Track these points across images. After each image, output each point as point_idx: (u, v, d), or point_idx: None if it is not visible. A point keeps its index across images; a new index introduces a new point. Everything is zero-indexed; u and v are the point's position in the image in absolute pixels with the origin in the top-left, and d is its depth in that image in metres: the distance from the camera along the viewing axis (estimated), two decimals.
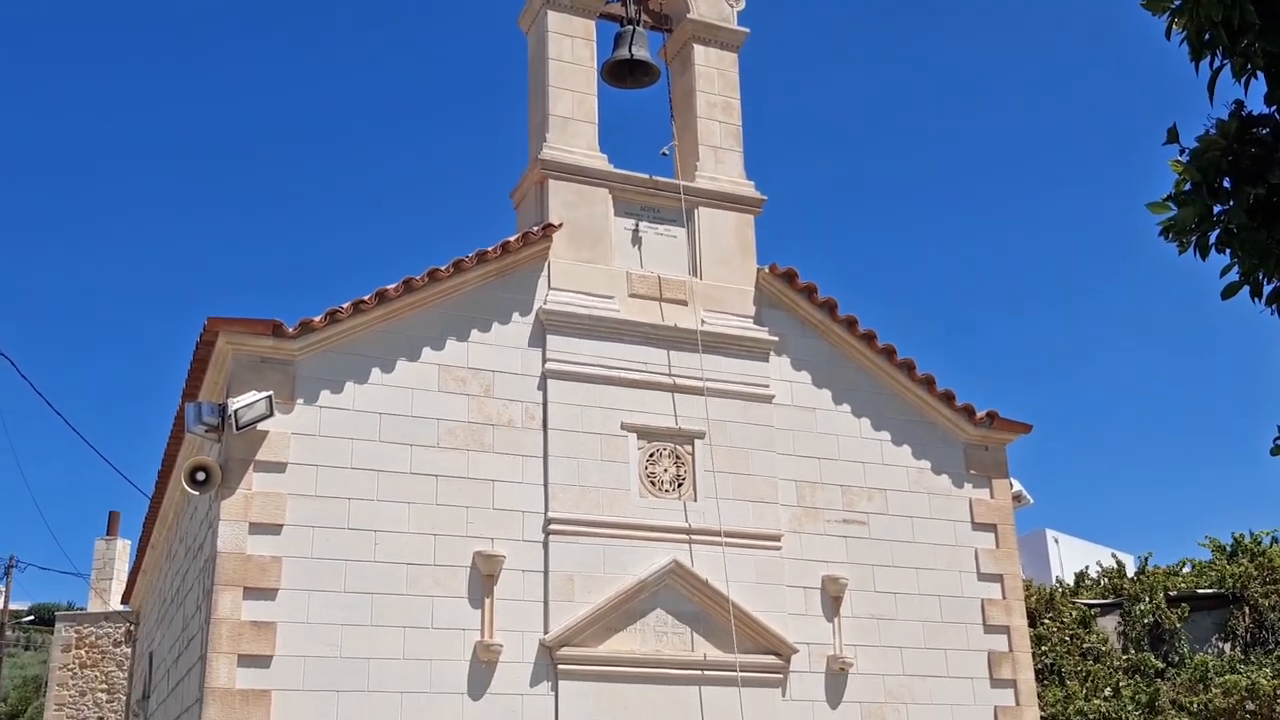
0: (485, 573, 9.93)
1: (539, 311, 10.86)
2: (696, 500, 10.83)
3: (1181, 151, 4.72)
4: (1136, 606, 17.00)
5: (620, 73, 12.10)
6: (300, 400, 9.89)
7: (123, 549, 29.43)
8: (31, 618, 45.23)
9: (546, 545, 10.22)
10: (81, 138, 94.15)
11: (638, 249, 11.48)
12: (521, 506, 10.26)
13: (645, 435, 10.86)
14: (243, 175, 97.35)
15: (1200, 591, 17.26)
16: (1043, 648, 16.44)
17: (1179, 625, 16.75)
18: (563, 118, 11.52)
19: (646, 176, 11.65)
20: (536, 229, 11.03)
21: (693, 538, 10.68)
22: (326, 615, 9.42)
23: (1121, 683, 15.89)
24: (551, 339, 10.80)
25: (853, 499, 11.54)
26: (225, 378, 9.99)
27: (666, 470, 10.86)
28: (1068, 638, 16.90)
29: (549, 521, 10.27)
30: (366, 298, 10.17)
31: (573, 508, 10.37)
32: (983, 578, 11.85)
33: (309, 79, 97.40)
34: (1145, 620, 16.89)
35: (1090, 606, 17.41)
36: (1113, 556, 20.19)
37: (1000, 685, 11.54)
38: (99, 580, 29.17)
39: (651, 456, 10.84)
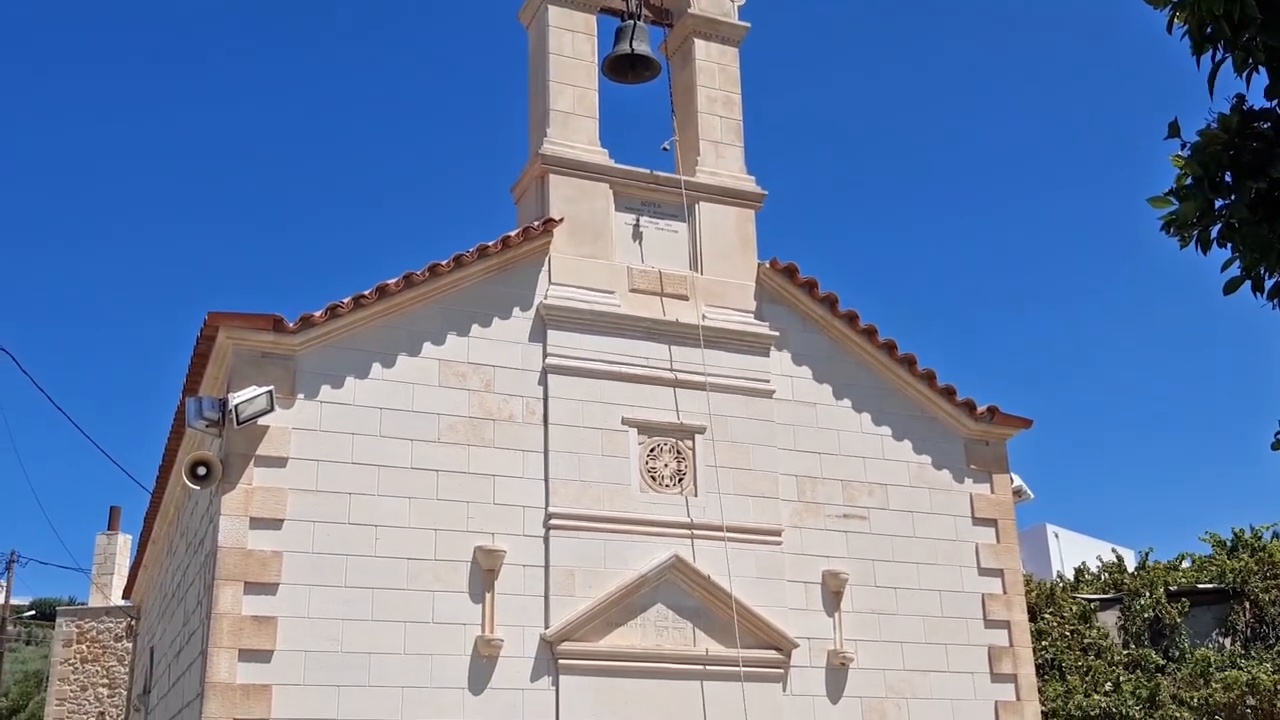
0: (486, 568, 9.93)
1: (539, 306, 10.85)
2: (697, 495, 10.83)
3: (1183, 146, 4.71)
4: (1137, 601, 17.00)
5: (621, 67, 12.09)
6: (301, 395, 9.89)
7: (124, 544, 29.47)
8: (33, 613, 45.27)
9: (547, 540, 10.22)
10: (82, 137, 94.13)
11: (638, 244, 11.47)
12: (522, 501, 10.26)
13: (646, 430, 10.86)
14: (243, 172, 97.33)
15: (1200, 586, 17.26)
16: (1043, 643, 16.44)
17: (1179, 620, 16.75)
18: (563, 113, 11.50)
19: (647, 171, 11.64)
20: (537, 224, 11.02)
21: (694, 533, 10.68)
22: (327, 610, 9.43)
23: (1122, 678, 15.89)
24: (552, 334, 10.80)
25: (853, 494, 11.54)
26: (226, 373, 9.99)
27: (667, 465, 10.86)
28: (1068, 633, 16.90)
29: (550, 516, 10.27)
30: (367, 293, 10.17)
31: (573, 503, 10.37)
32: (983, 573, 11.85)
33: (309, 76, 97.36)
34: (1146, 615, 16.89)
35: (1090, 601, 17.42)
36: (1113, 551, 20.18)
37: (1001, 680, 11.54)
38: (100, 575, 29.20)
39: (652, 451, 10.84)
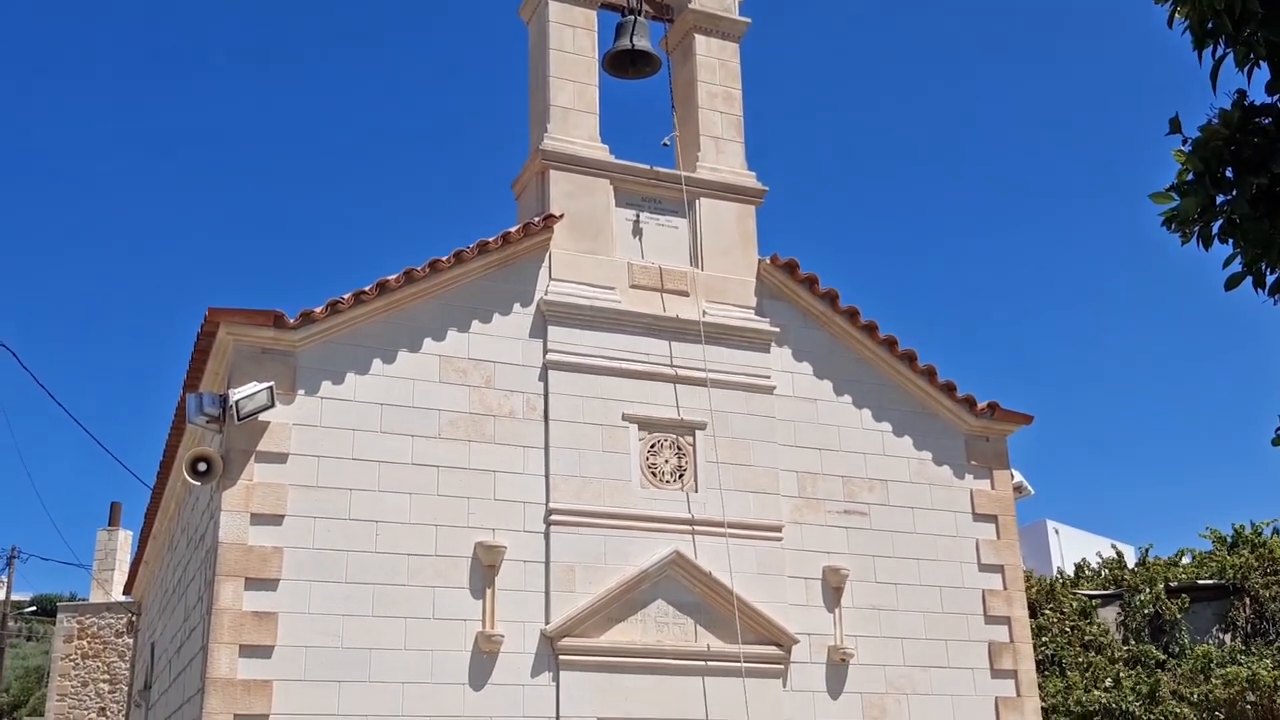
0: (486, 563, 9.93)
1: (540, 302, 10.85)
2: (698, 491, 10.83)
3: (1184, 141, 4.71)
4: (1137, 597, 17.02)
5: (621, 63, 12.07)
6: (301, 391, 9.88)
7: (124, 540, 29.47)
8: (34, 608, 45.30)
9: (548, 536, 10.22)
10: (82, 132, 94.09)
11: (639, 240, 11.46)
12: (522, 497, 10.26)
13: (646, 426, 10.86)
14: (244, 168, 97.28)
15: (1201, 582, 17.27)
16: (1043, 638, 16.45)
17: (1179, 616, 16.76)
18: (564, 108, 11.49)
19: (647, 167, 11.63)
20: (537, 220, 11.01)
21: (694, 528, 10.68)
22: (328, 606, 9.43)
23: (1122, 673, 15.90)
24: (552, 330, 10.79)
25: (854, 490, 11.54)
26: (226, 368, 9.99)
27: (668, 461, 10.86)
28: (1068, 628, 16.92)
29: (550, 512, 10.27)
30: (367, 288, 10.16)
31: (574, 498, 10.37)
32: (983, 568, 11.85)
33: (309, 72, 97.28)
34: (1146, 611, 16.90)
35: (1091, 597, 17.43)
36: (1113, 547, 20.21)
37: (1001, 676, 11.55)
38: (101, 571, 29.21)
39: (653, 447, 10.84)
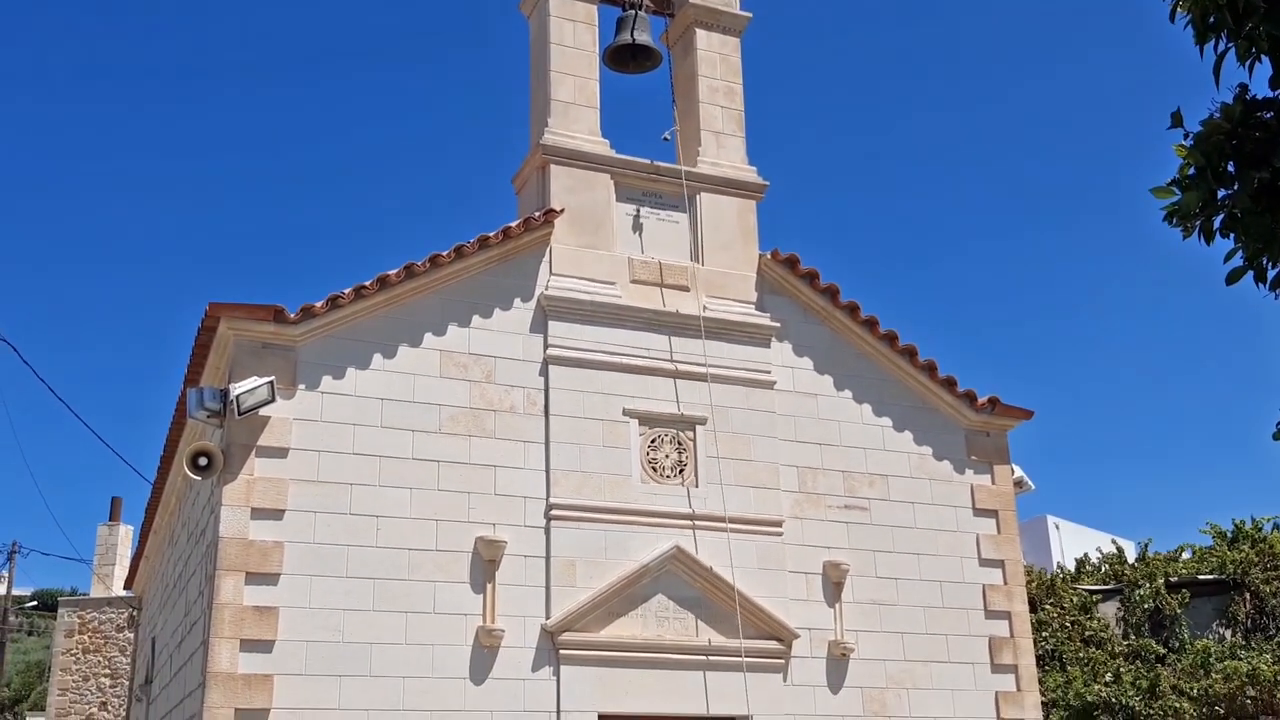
0: (487, 558, 9.93)
1: (540, 297, 10.84)
2: (698, 486, 10.83)
3: (1186, 136, 4.69)
4: (1137, 592, 17.02)
5: (622, 57, 12.06)
6: (302, 385, 9.88)
7: (125, 534, 29.48)
8: (35, 603, 45.35)
9: (548, 531, 10.23)
10: (82, 128, 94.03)
11: (639, 235, 11.46)
12: (523, 492, 10.26)
13: (647, 421, 10.86)
14: (245, 163, 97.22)
15: (1201, 577, 17.27)
16: (1044, 633, 16.46)
17: (1180, 611, 16.76)
18: (564, 103, 11.48)
19: (648, 162, 11.62)
20: (538, 214, 11.00)
21: (695, 523, 10.68)
22: (328, 600, 9.44)
23: (1122, 668, 15.91)
24: (553, 324, 10.79)
25: (854, 485, 11.54)
26: (227, 363, 9.99)
27: (668, 456, 10.86)
28: (1069, 623, 16.92)
29: (551, 507, 10.27)
30: (368, 283, 10.16)
31: (574, 493, 10.37)
32: (984, 563, 11.86)
33: (310, 68, 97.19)
34: (1146, 606, 16.91)
35: (1091, 592, 17.43)
36: (1113, 543, 20.20)
37: (1001, 670, 11.56)
38: (102, 566, 29.22)
39: (653, 442, 10.84)
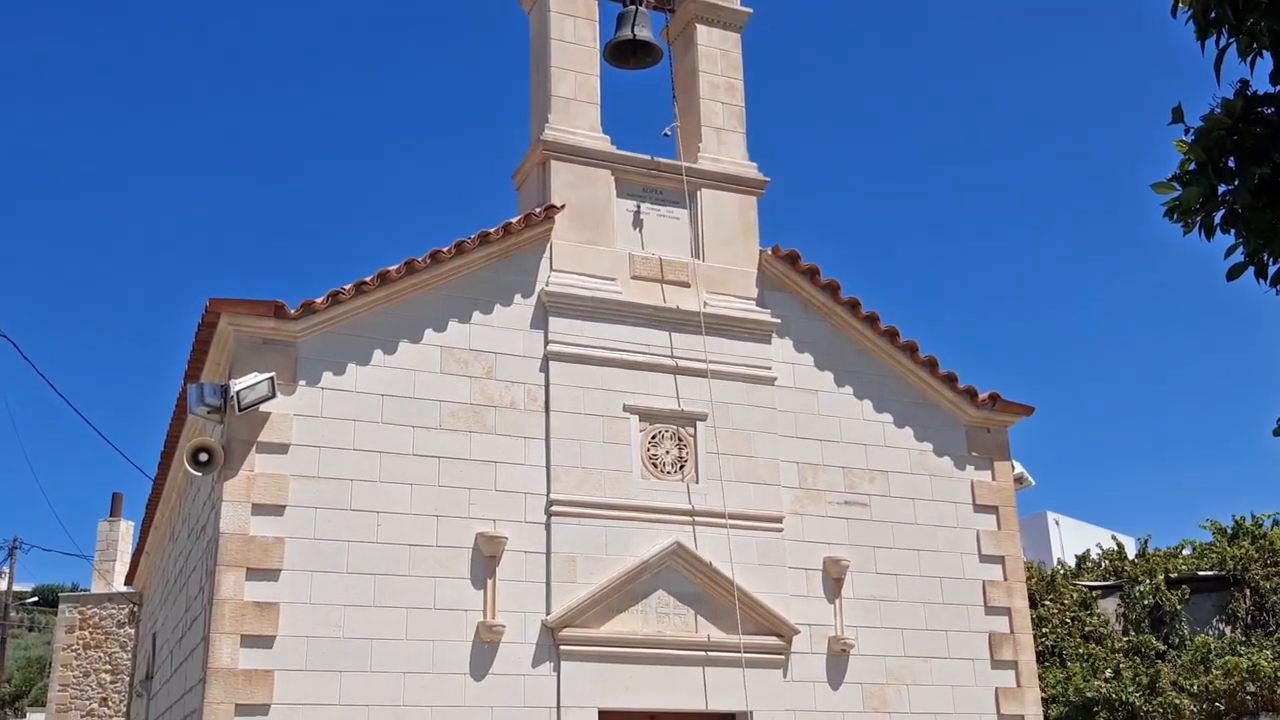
0: (487, 554, 9.94)
1: (541, 293, 10.84)
2: (698, 482, 10.83)
3: (1186, 131, 4.69)
4: (1137, 588, 17.03)
5: (623, 53, 12.04)
6: (302, 381, 9.88)
7: (126, 530, 29.49)
8: (35, 599, 45.36)
9: (549, 527, 10.23)
10: (84, 124, 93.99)
11: (639, 231, 11.45)
12: (524, 488, 10.27)
13: (647, 417, 10.86)
14: (246, 159, 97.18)
15: (1201, 574, 17.28)
16: (1044, 629, 16.47)
17: (1179, 607, 16.77)
18: (565, 98, 11.47)
19: (648, 158, 11.61)
20: (538, 210, 11.00)
21: (695, 519, 10.68)
22: (329, 596, 9.44)
23: (1122, 664, 15.92)
24: (553, 321, 10.79)
25: (854, 481, 11.54)
26: (227, 359, 9.99)
27: (669, 452, 10.86)
28: (1069, 619, 16.94)
29: (551, 503, 10.27)
30: (368, 279, 10.15)
31: (575, 489, 10.37)
32: (984, 559, 11.86)
33: (310, 65, 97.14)
34: (1146, 602, 16.92)
35: (1091, 588, 17.44)
36: (1113, 539, 20.20)
37: (1001, 666, 11.56)
38: (102, 561, 29.23)
39: (653, 438, 10.84)
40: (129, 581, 21.01)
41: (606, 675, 10.05)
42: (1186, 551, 18.44)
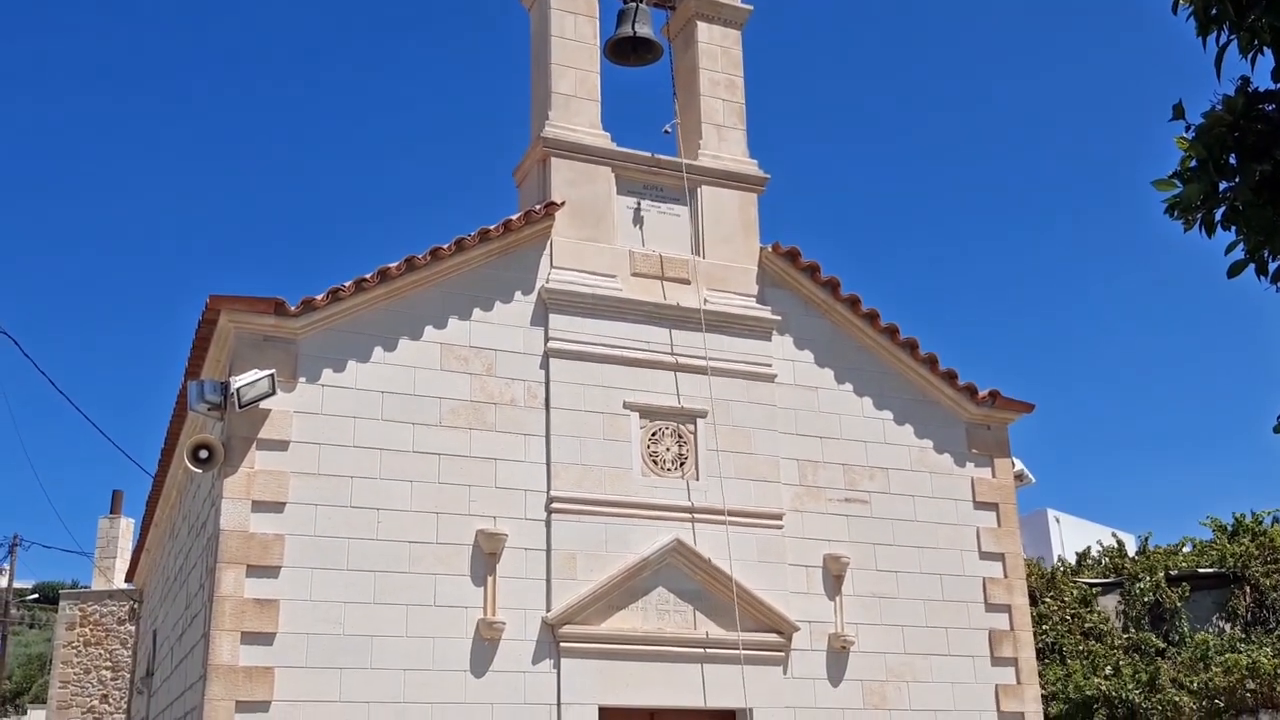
0: (488, 551, 9.94)
1: (541, 290, 10.83)
2: (699, 479, 10.83)
3: (1187, 128, 4.68)
4: (1137, 585, 17.03)
5: (623, 50, 12.03)
6: (303, 378, 9.88)
7: (126, 527, 29.50)
8: (36, 596, 45.38)
9: (549, 524, 10.23)
10: (83, 115, 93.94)
11: (640, 228, 11.44)
12: (524, 485, 10.26)
13: (647, 414, 10.85)
14: (246, 156, 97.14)
15: (1201, 571, 17.28)
16: (1044, 626, 16.48)
17: (1179, 604, 16.77)
18: (565, 95, 11.46)
19: (649, 155, 11.60)
20: (539, 207, 10.99)
21: (695, 516, 10.68)
22: (329, 593, 9.44)
23: (1122, 661, 15.93)
24: (554, 318, 10.78)
25: (855, 478, 11.54)
26: (228, 356, 9.98)
27: (669, 449, 10.86)
28: (1069, 616, 16.94)
29: (551, 500, 10.28)
30: (368, 276, 10.15)
31: (575, 486, 10.37)
32: (984, 556, 11.86)
33: (311, 61, 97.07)
34: (1146, 599, 16.92)
35: (1091, 585, 17.44)
36: (1113, 536, 20.20)
37: (1001, 663, 11.57)
38: (103, 558, 29.24)
39: (654, 435, 10.84)
40: (129, 578, 21.02)
41: (607, 672, 10.05)
42: (1187, 549, 18.44)
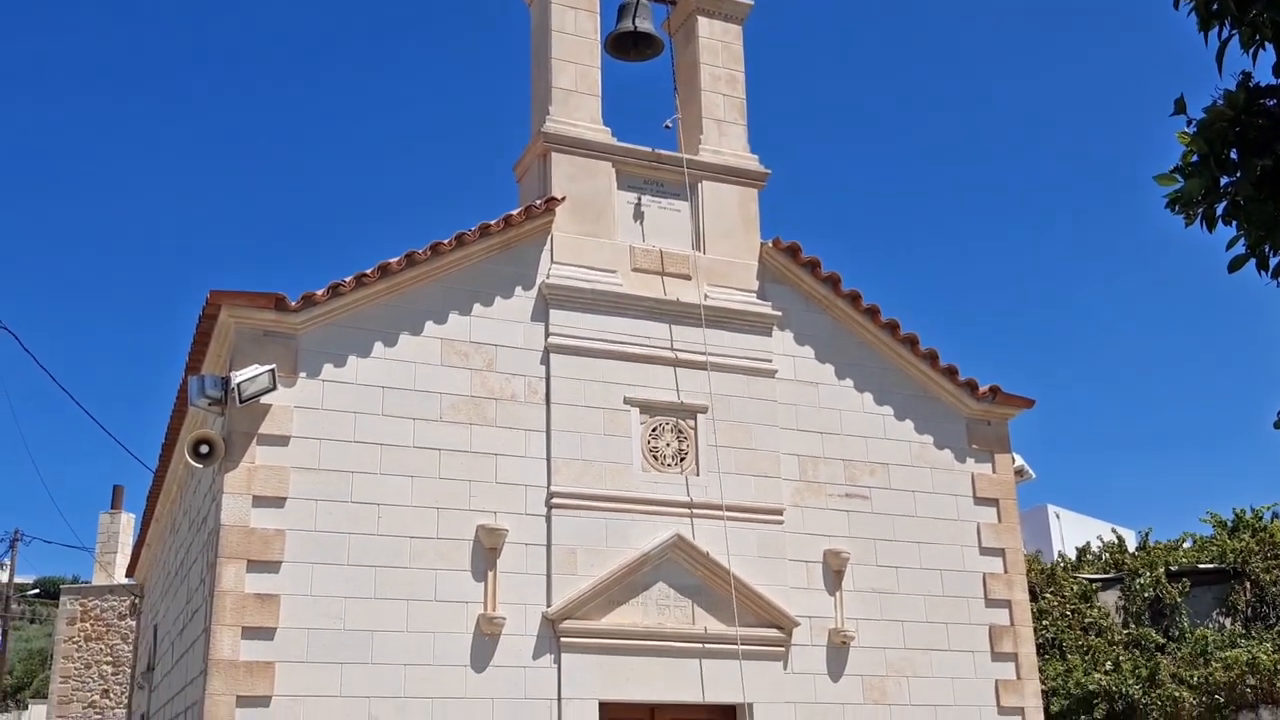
0: (488, 546, 9.94)
1: (541, 285, 10.83)
2: (699, 474, 10.83)
3: (1189, 123, 4.68)
4: (1137, 581, 17.03)
5: (624, 45, 12.02)
6: (303, 374, 9.88)
7: (127, 522, 29.53)
8: (37, 591, 45.44)
9: (549, 519, 10.23)
10: (85, 112, 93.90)
11: (640, 223, 11.44)
12: (524, 480, 10.27)
13: (648, 410, 10.85)
14: (246, 152, 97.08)
15: (1201, 566, 17.29)
16: (1044, 622, 16.49)
17: (1180, 600, 16.78)
18: (565, 90, 11.45)
19: (649, 150, 11.59)
20: (539, 202, 10.99)
21: (695, 512, 10.69)
22: (330, 588, 9.45)
23: (1122, 657, 15.93)
24: (554, 313, 10.78)
25: (855, 473, 11.54)
26: (228, 351, 9.98)
27: (669, 444, 10.86)
28: (1069, 612, 16.95)
29: (552, 495, 10.28)
30: (369, 271, 10.15)
31: (575, 482, 10.37)
32: (984, 552, 11.87)
33: (311, 57, 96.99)
34: (1146, 595, 16.92)
35: (1091, 581, 17.45)
36: (1114, 531, 20.22)
37: (1001, 659, 11.57)
38: (103, 554, 29.27)
39: (654, 431, 10.84)
40: (130, 573, 21.03)
41: (607, 667, 10.06)
42: (1187, 544, 18.45)
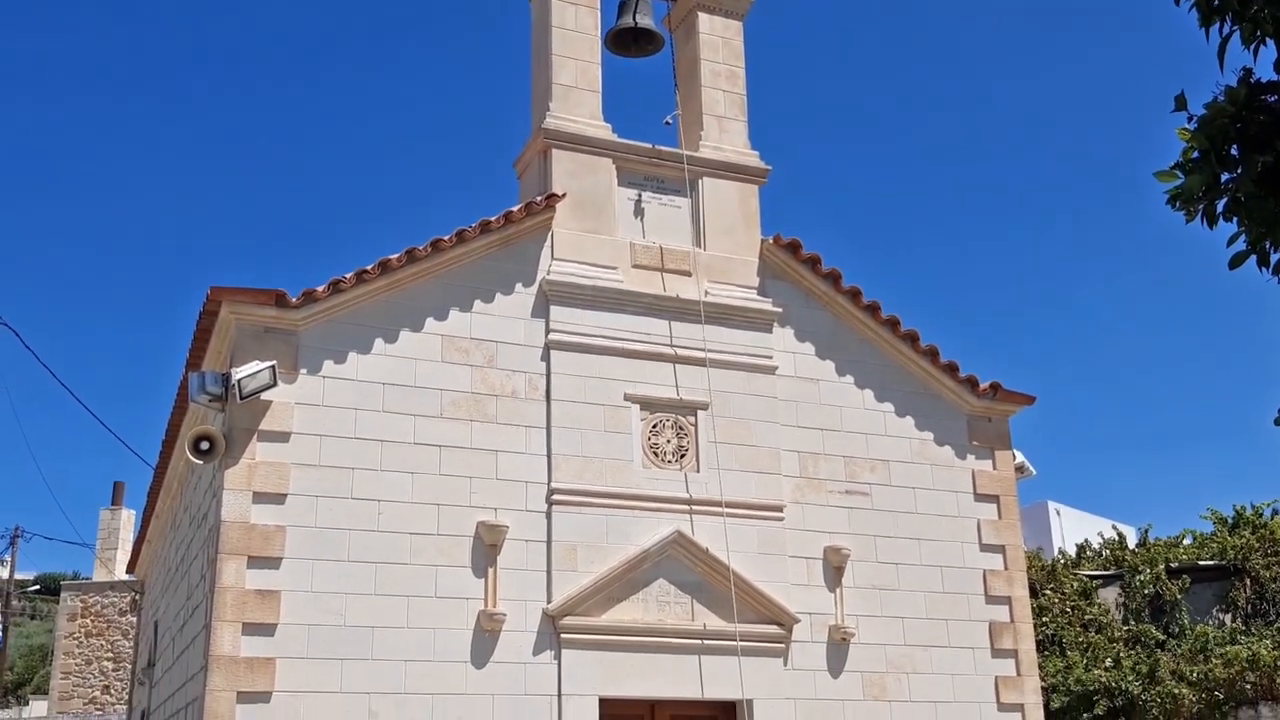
0: (488, 542, 9.95)
1: (542, 282, 10.83)
2: (699, 471, 10.83)
3: (1190, 119, 4.67)
4: (1137, 578, 17.04)
5: (624, 41, 12.01)
6: (304, 370, 9.88)
7: (127, 519, 29.57)
8: (37, 587, 45.47)
9: (549, 515, 10.24)
10: (85, 109, 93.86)
11: (641, 219, 11.43)
12: (524, 477, 10.27)
13: (648, 406, 10.85)
14: (248, 147, 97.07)
15: (1201, 563, 17.29)
16: (1044, 618, 16.50)
17: (1180, 597, 16.79)
18: (566, 86, 11.44)
19: (650, 146, 11.59)
20: (539, 199, 10.98)
21: (695, 508, 10.69)
22: (330, 584, 9.45)
23: (1122, 653, 15.95)
24: (554, 310, 10.78)
25: (855, 470, 11.54)
26: (229, 347, 9.98)
27: (669, 441, 10.86)
28: (1069, 609, 16.96)
29: (552, 492, 10.28)
30: (369, 268, 10.14)
31: (575, 478, 10.38)
32: (985, 548, 11.87)
33: (311, 55, 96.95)
34: (1146, 591, 16.93)
35: (1091, 578, 17.46)
36: (1114, 528, 20.22)
37: (1001, 655, 11.58)
38: (104, 550, 29.30)
39: (654, 427, 10.84)
40: (130, 570, 21.04)
41: (607, 663, 10.07)
42: (1187, 541, 18.46)
